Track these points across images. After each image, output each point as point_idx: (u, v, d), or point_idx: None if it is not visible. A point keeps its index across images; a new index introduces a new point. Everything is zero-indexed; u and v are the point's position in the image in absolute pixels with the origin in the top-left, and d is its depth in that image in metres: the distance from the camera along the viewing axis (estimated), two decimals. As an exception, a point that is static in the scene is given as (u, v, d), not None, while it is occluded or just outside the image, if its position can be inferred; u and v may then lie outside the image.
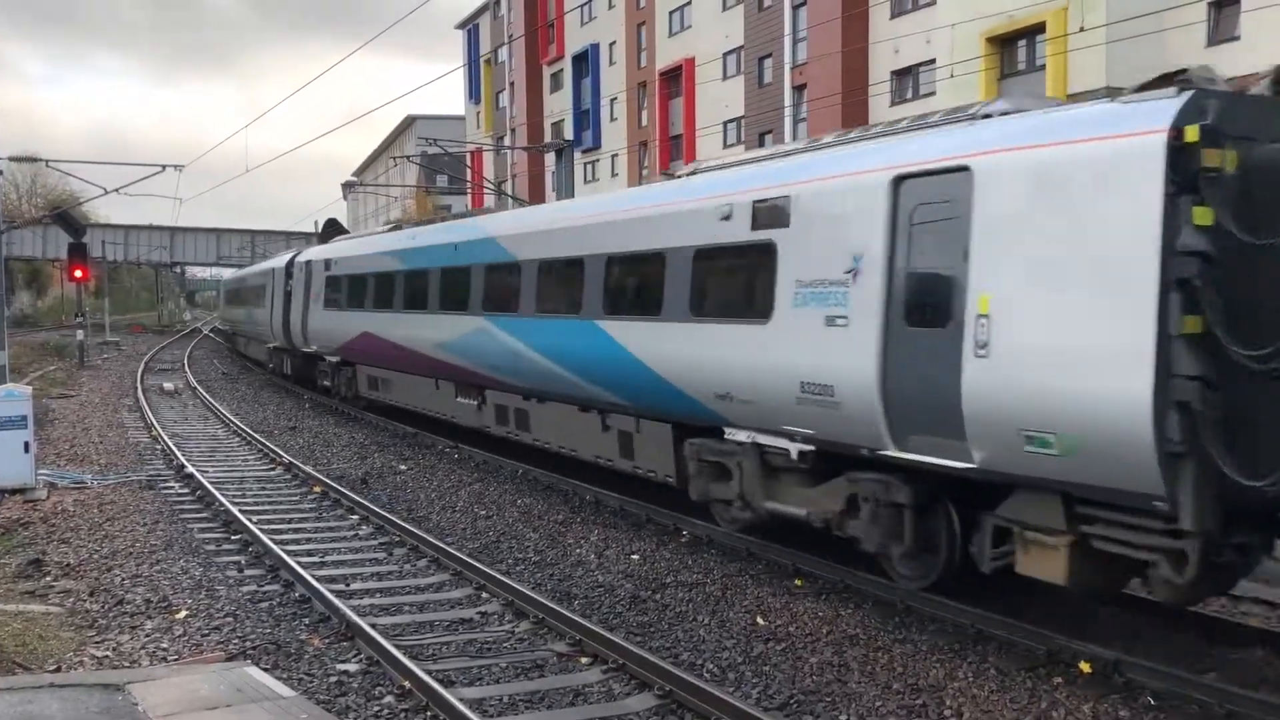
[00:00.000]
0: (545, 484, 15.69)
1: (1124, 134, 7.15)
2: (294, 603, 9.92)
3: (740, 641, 8.74)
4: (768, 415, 10.24)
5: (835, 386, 9.22)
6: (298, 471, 16.87)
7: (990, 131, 8.43)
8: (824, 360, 9.36)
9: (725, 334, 10.81)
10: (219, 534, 12.77)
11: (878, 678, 7.92)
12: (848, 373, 9.08)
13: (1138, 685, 7.49)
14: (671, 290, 11.69)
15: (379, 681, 7.84)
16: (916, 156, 8.84)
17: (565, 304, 14.06)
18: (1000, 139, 8.18)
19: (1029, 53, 30.59)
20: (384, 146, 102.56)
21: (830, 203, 9.56)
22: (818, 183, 9.81)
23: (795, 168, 10.38)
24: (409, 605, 9.89)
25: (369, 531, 12.98)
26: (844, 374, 9.13)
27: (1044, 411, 7.41)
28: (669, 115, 50.66)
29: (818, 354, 9.44)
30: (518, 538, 12.62)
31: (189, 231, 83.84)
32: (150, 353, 49.54)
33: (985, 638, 8.60)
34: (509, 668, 8.14)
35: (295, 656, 8.34)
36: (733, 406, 10.71)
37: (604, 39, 57.37)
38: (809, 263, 9.65)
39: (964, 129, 8.80)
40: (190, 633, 8.94)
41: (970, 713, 7.25)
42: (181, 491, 15.46)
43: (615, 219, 13.25)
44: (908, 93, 35.67)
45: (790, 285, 9.83)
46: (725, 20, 45.92)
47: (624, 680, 7.82)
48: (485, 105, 73.10)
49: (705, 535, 12.14)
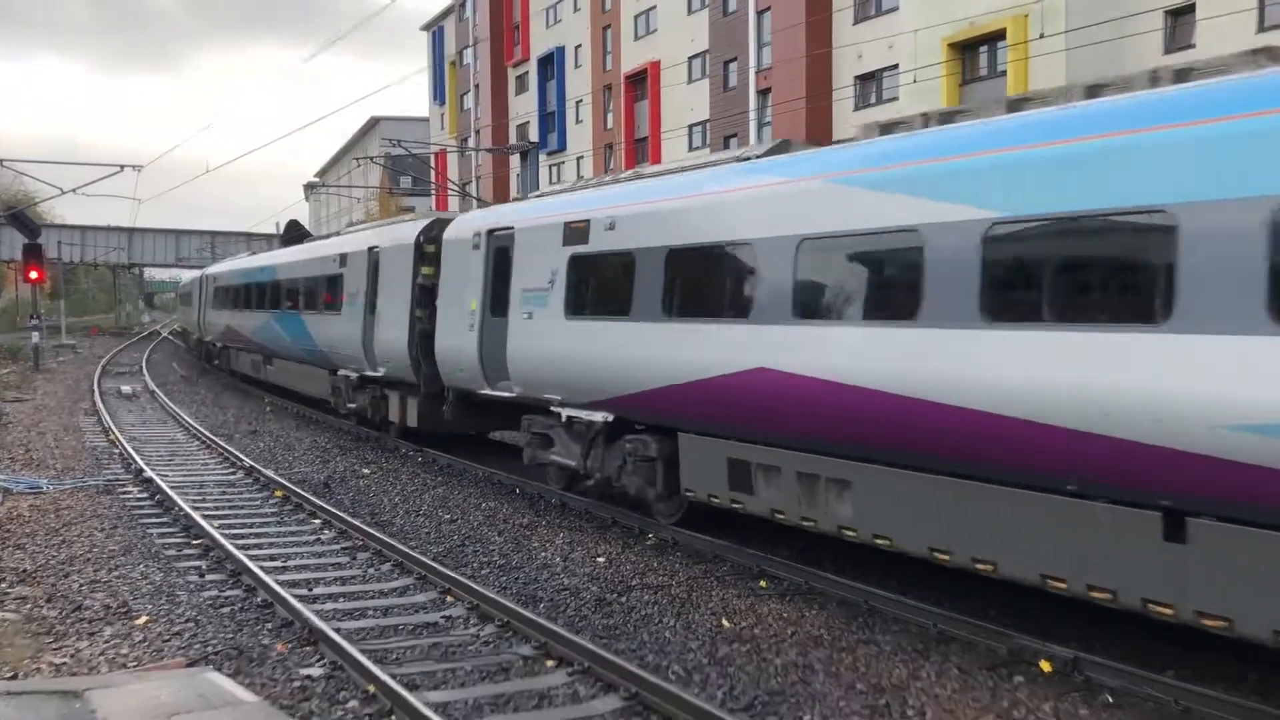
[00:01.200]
0: (510, 487, 15.65)
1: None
2: (256, 608, 9.83)
3: (705, 643, 8.77)
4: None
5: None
6: (259, 475, 16.71)
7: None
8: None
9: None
10: (179, 539, 12.63)
11: (842, 678, 7.97)
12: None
13: (1097, 683, 7.60)
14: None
15: (343, 686, 7.78)
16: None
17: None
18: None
19: (990, 59, 30.93)
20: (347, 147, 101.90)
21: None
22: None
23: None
24: (373, 609, 9.83)
25: (332, 536, 12.88)
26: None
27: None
28: (634, 118, 50.72)
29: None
30: (483, 541, 12.58)
31: (147, 233, 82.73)
32: (108, 355, 48.90)
33: (947, 638, 8.69)
34: (474, 671, 8.11)
35: (258, 662, 8.26)
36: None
37: (569, 42, 57.34)
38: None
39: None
40: (151, 639, 8.83)
41: (933, 712, 7.32)
42: (140, 496, 15.27)
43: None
44: (871, 98, 35.94)
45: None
46: (690, 24, 46.05)
47: (590, 683, 7.81)
48: (450, 107, 72.82)
49: (671, 538, 12.17)
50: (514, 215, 15.30)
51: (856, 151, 9.81)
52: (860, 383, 8.89)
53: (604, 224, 12.63)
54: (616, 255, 12.35)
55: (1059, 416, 7.39)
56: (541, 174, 59.49)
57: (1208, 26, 25.61)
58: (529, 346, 13.96)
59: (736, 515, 10.95)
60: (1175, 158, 6.95)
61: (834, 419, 9.24)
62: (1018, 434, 7.68)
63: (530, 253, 14.13)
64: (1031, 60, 27.59)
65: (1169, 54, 26.80)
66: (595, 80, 54.38)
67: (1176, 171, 6.92)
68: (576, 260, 13.08)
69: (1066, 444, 7.38)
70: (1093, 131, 7.55)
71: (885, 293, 9.02)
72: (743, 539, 11.49)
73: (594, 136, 54.50)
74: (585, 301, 12.96)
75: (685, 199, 11.59)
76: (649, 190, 12.41)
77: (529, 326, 13.91)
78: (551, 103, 58.78)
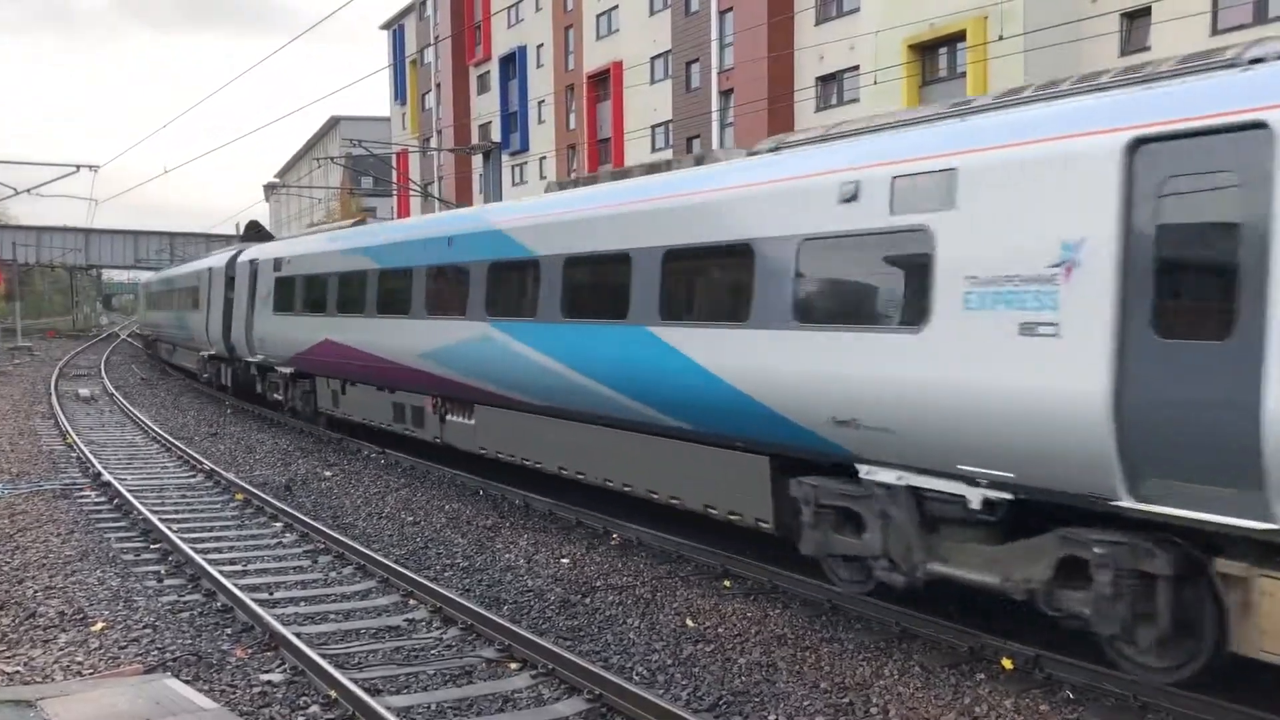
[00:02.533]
0: (473, 489, 15.58)
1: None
2: (216, 613, 9.71)
3: (670, 644, 8.77)
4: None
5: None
6: (219, 478, 16.52)
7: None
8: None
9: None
10: (137, 544, 12.46)
11: (805, 677, 7.99)
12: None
13: (1057, 680, 7.68)
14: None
15: (304, 691, 7.71)
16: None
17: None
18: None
19: (950, 60, 31.17)
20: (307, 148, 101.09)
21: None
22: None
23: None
24: (335, 613, 9.74)
25: (293, 539, 12.76)
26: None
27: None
28: (597, 118, 50.67)
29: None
30: (446, 543, 12.51)
31: (105, 233, 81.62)
32: (65, 358, 48.18)
33: (910, 636, 8.74)
34: (437, 675, 8.07)
35: (217, 667, 8.16)
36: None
37: (531, 41, 57.19)
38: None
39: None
40: (107, 645, 8.70)
41: (896, 710, 7.36)
42: (98, 500, 15.05)
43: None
44: (832, 99, 36.13)
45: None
46: (653, 25, 46.07)
47: (553, 685, 7.79)
48: (411, 106, 72.42)
49: (635, 538, 12.16)
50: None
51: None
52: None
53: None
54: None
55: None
56: (504, 174, 59.33)
57: (1161, 29, 25.98)
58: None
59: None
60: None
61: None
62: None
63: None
64: (990, 61, 27.86)
65: (1124, 56, 27.18)
66: (557, 80, 54.29)
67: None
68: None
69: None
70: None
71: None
72: (707, 539, 11.51)
73: (557, 137, 54.40)
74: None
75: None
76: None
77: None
78: (514, 103, 58.60)
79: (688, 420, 10.48)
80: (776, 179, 9.52)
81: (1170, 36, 25.57)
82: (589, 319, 11.83)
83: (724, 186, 10.16)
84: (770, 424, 9.34)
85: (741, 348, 9.60)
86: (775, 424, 9.27)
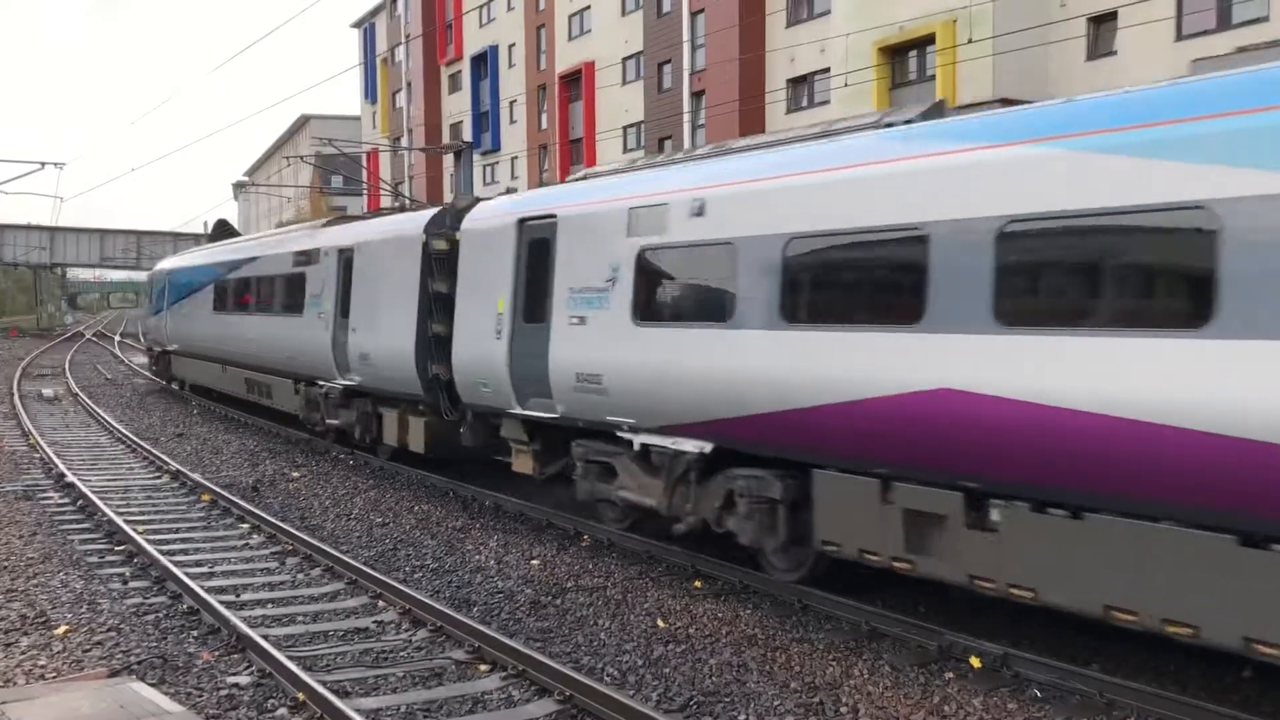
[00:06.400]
0: (443, 490, 15.51)
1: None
2: (182, 615, 9.61)
3: (641, 644, 8.76)
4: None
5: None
6: (185, 479, 16.36)
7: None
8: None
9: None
10: (102, 545, 12.31)
11: (776, 677, 8.01)
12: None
13: (1025, 678, 7.73)
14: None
15: (271, 694, 7.64)
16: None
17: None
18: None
19: (919, 63, 31.36)
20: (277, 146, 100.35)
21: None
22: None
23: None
24: (303, 615, 9.67)
25: (260, 541, 12.65)
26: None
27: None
28: (569, 119, 50.61)
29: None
30: (415, 545, 12.44)
31: (70, 232, 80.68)
32: (28, 358, 47.54)
33: (879, 635, 8.78)
34: (406, 677, 8.02)
35: (183, 670, 8.08)
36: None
37: (503, 41, 57.05)
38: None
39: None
40: (71, 649, 8.58)
41: (866, 709, 7.39)
42: (62, 502, 14.85)
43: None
44: (803, 101, 36.28)
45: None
46: (625, 25, 46.08)
47: (524, 686, 7.76)
48: (382, 105, 72.05)
49: (606, 539, 12.14)
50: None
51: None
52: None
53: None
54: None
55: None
56: (475, 174, 59.10)
57: (1127, 35, 26.26)
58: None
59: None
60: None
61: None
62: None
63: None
64: (960, 65, 28.05)
65: (1091, 60, 27.46)
66: (529, 80, 54.19)
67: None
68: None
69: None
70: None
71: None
72: (677, 540, 11.50)
73: (528, 137, 54.30)
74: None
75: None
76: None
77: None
78: (485, 102, 58.44)
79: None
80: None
81: (1135, 42, 25.87)
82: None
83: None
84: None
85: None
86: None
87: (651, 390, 10.57)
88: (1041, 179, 7.40)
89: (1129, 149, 6.98)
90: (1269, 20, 23.46)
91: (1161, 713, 7.01)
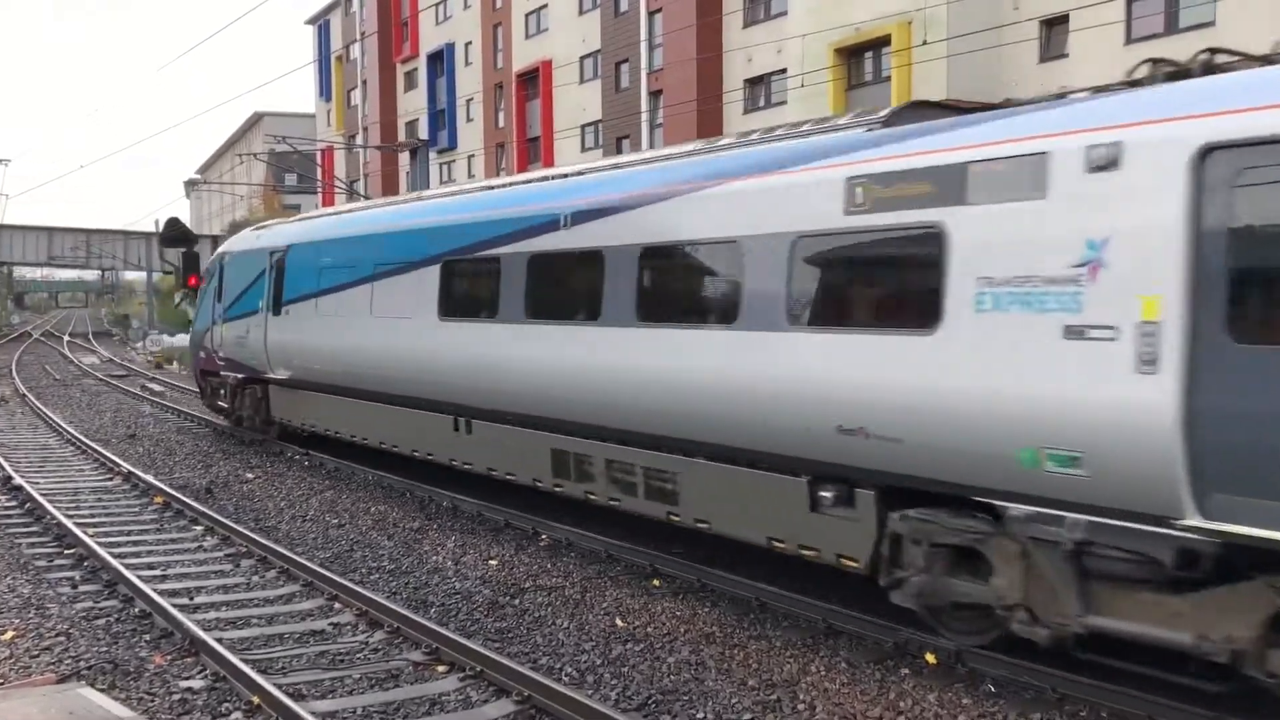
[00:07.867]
0: (400, 490, 15.41)
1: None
2: (133, 619, 9.47)
3: (599, 643, 8.76)
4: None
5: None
6: (137, 481, 16.12)
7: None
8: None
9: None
10: (51, 549, 12.10)
11: (734, 674, 8.05)
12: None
13: (979, 674, 7.82)
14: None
15: (226, 698, 7.56)
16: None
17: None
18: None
19: (875, 64, 31.65)
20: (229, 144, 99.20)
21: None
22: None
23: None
24: (258, 618, 9.56)
25: (215, 543, 12.50)
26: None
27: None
28: (526, 117, 50.49)
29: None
30: (372, 546, 12.36)
31: (16, 230, 79.09)
32: (-27, 358, 46.61)
33: (836, 632, 8.84)
34: (363, 679, 7.96)
35: (134, 675, 7.97)
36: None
37: (460, 39, 56.80)
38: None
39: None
40: (18, 654, 8.43)
41: (823, 705, 7.44)
42: (9, 505, 14.58)
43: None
44: (760, 101, 36.44)
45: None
46: (582, 24, 46.05)
47: (482, 687, 7.74)
48: (336, 103, 71.47)
49: (564, 539, 12.13)
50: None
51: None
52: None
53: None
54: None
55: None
56: (432, 172, 58.79)
57: (1078, 38, 26.66)
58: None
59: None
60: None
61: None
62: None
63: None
64: (915, 66, 28.32)
65: (1043, 62, 27.83)
66: (486, 78, 53.99)
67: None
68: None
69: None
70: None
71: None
72: (636, 538, 11.52)
73: (485, 135, 54.11)
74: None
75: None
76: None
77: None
78: (442, 100, 58.16)
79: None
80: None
81: (1086, 44, 26.25)
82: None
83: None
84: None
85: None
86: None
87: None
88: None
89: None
90: (1214, 25, 23.92)
91: (1114, 706, 7.13)
